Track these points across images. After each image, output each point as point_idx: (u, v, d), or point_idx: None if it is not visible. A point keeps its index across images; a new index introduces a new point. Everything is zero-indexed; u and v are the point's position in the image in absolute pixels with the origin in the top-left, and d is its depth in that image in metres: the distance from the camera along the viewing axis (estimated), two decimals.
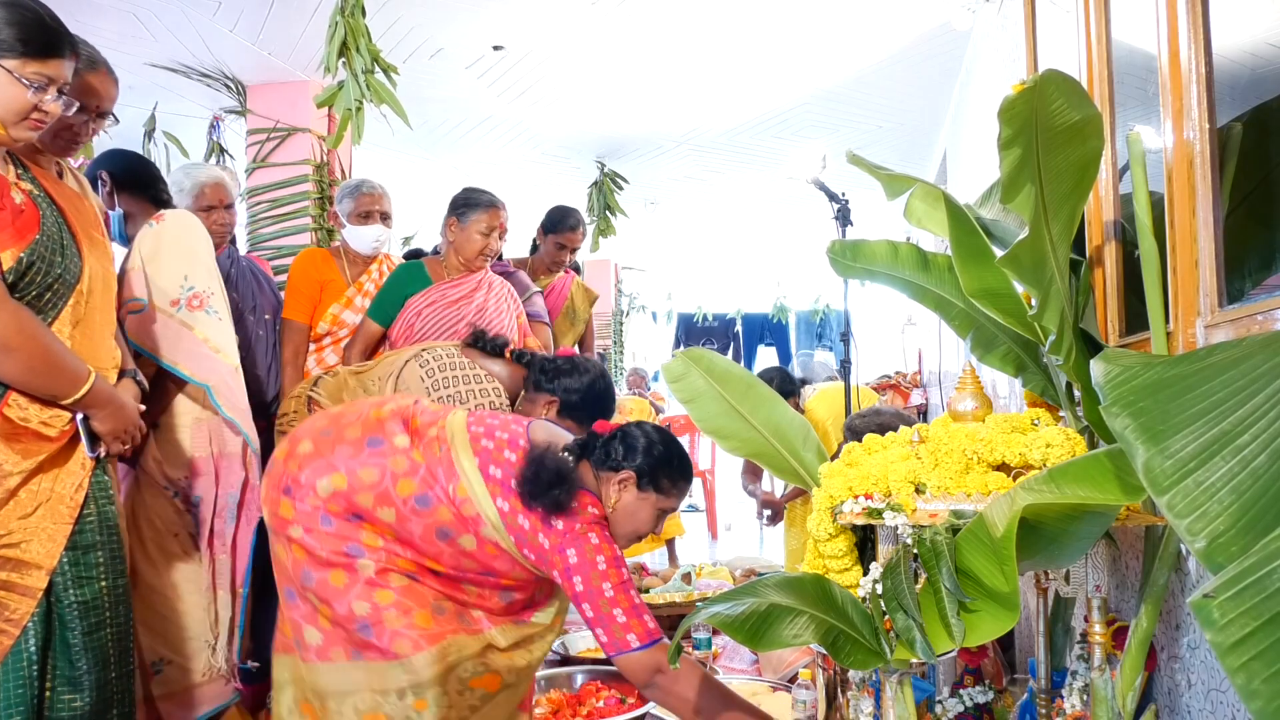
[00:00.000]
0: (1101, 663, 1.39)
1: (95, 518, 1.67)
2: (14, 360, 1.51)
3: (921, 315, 6.92)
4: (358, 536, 1.76)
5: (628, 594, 1.74)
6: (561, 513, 1.76)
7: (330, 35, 3.02)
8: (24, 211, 1.55)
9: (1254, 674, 0.61)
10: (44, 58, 1.53)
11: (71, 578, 1.62)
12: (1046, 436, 1.39)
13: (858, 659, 1.42)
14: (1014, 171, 1.29)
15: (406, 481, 1.76)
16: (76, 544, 1.63)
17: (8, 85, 1.51)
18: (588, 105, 4.93)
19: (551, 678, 2.69)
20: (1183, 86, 1.34)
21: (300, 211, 4.23)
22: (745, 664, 3.01)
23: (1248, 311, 1.18)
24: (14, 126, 1.54)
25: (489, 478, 1.78)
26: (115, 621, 1.68)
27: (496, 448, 1.82)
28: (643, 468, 1.85)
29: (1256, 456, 0.73)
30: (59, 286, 1.61)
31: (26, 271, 1.55)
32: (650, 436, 1.90)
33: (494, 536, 1.77)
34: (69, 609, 1.61)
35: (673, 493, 1.90)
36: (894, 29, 3.95)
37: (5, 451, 1.56)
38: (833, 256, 1.87)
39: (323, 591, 1.75)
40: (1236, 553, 0.68)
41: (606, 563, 1.74)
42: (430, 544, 1.77)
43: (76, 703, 1.61)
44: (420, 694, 1.73)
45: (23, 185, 1.59)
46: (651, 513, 1.89)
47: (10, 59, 1.51)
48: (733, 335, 12.38)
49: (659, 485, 1.87)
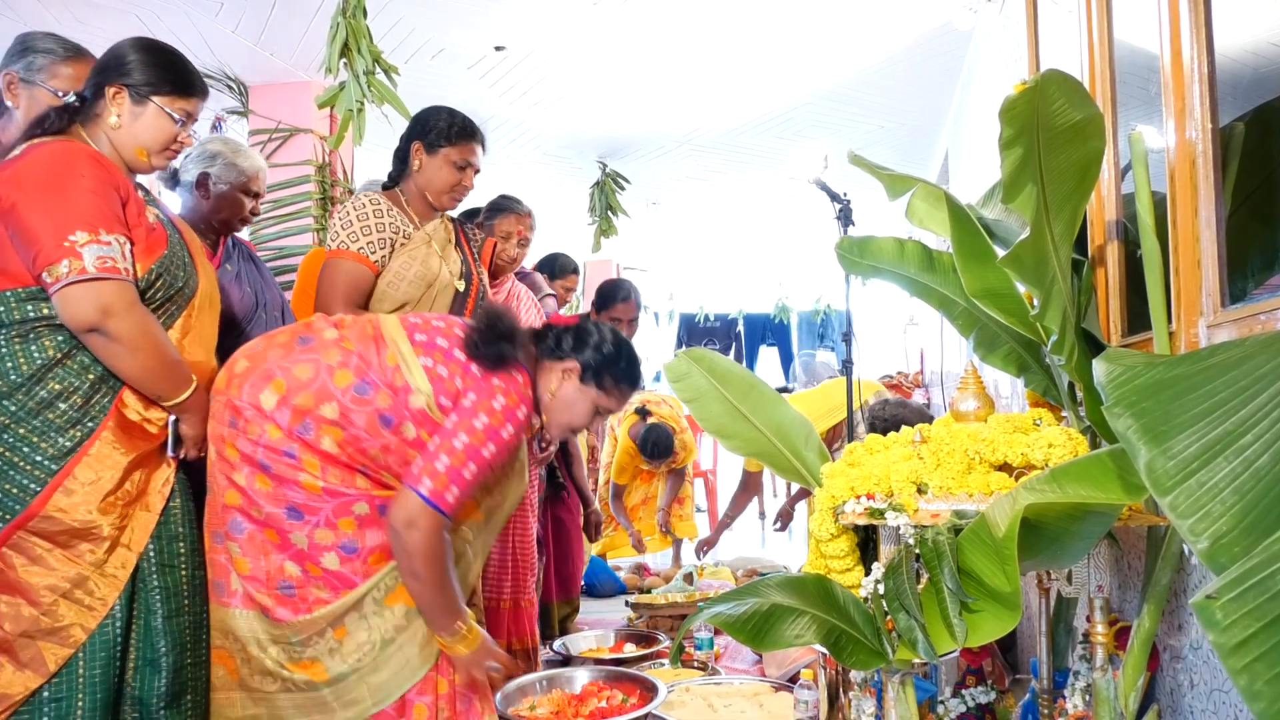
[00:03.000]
0: (1104, 663, 1.39)
1: (179, 510, 1.79)
2: (137, 360, 1.66)
3: (924, 315, 6.92)
4: (296, 479, 1.76)
5: (469, 461, 1.75)
6: (499, 369, 1.82)
7: (332, 36, 3.02)
8: (155, 230, 1.74)
9: (1257, 675, 0.61)
10: (189, 96, 1.78)
11: (157, 564, 1.73)
12: (1049, 436, 1.38)
13: (860, 659, 1.42)
14: (1015, 171, 1.29)
15: (343, 373, 1.79)
16: (162, 534, 1.75)
17: (158, 119, 1.75)
18: (589, 105, 4.93)
19: (552, 678, 2.69)
20: (1185, 86, 1.34)
21: (302, 212, 4.23)
22: (747, 664, 3.01)
23: (1250, 311, 1.18)
24: (156, 156, 1.77)
25: (415, 342, 1.85)
26: (193, 610, 1.78)
27: (424, 321, 1.90)
28: (588, 361, 1.93)
29: (1259, 457, 0.73)
30: (179, 299, 1.79)
31: (155, 283, 1.73)
32: (604, 335, 1.97)
33: (422, 404, 1.80)
34: (153, 593, 1.72)
35: (614, 392, 1.97)
36: (895, 29, 3.95)
37: (117, 443, 1.68)
38: (840, 253, 1.88)
39: (250, 546, 1.77)
40: (1239, 553, 0.68)
41: (485, 427, 1.77)
42: (376, 436, 1.79)
43: (155, 683, 1.71)
44: (338, 623, 1.78)
45: (153, 209, 1.78)
46: (589, 408, 1.96)
47: (162, 96, 1.74)
48: (735, 335, 12.36)
49: (601, 382, 1.94)
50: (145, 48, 1.77)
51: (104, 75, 1.74)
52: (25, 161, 1.64)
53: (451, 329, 1.90)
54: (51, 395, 1.64)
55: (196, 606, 1.79)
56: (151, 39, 1.81)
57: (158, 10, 3.70)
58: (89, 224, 1.60)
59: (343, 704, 1.80)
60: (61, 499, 1.62)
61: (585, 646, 3.24)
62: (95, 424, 1.67)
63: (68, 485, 1.63)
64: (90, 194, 1.62)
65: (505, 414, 1.80)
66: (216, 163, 2.52)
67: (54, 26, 3.71)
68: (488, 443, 1.77)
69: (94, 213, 1.61)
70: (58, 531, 1.63)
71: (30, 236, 1.59)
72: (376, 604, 1.81)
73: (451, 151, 2.41)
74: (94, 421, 1.67)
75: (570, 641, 3.25)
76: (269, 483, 1.76)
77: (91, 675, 1.64)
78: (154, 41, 1.80)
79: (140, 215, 1.72)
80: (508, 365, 1.83)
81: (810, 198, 5.66)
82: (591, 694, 2.59)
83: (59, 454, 1.64)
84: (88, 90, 1.75)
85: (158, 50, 1.78)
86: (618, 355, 1.96)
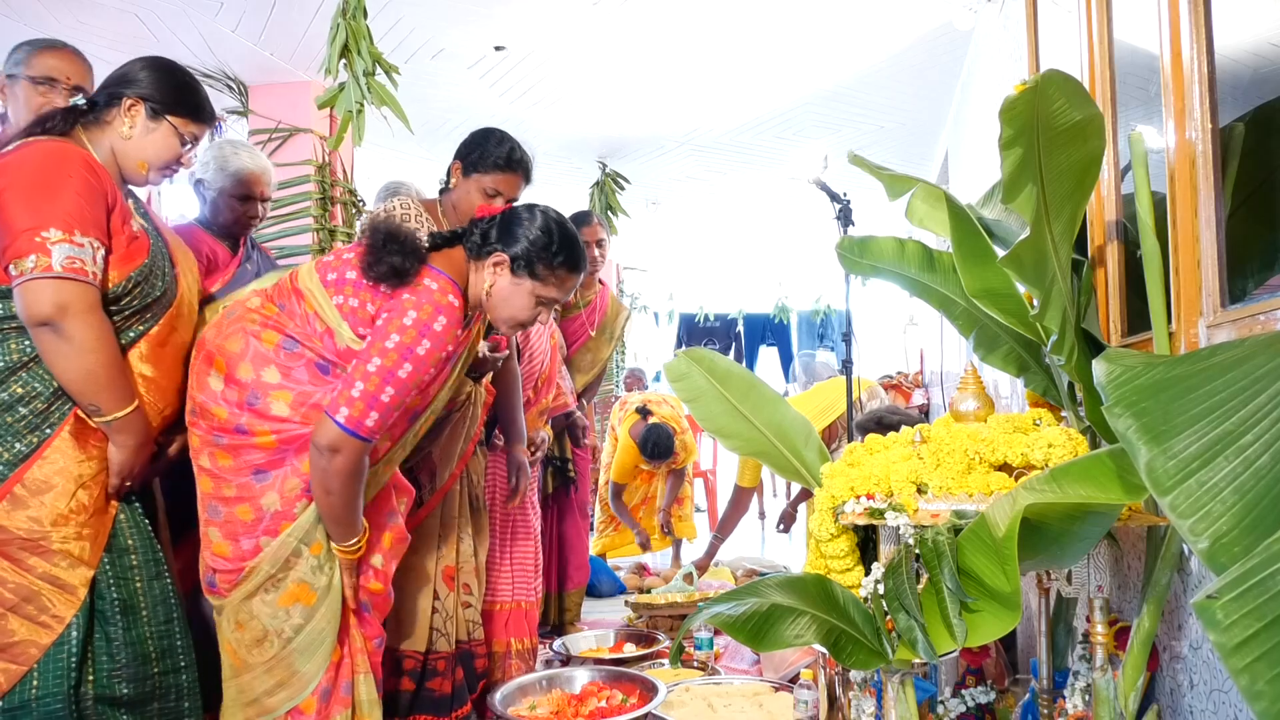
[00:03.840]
0: (1104, 663, 1.39)
1: (127, 522, 1.75)
2: (84, 363, 1.63)
3: (923, 315, 6.92)
4: (251, 443, 1.77)
5: (385, 385, 1.70)
6: (402, 282, 1.75)
7: (332, 37, 3.02)
8: (137, 239, 1.75)
9: (1258, 675, 0.61)
10: (200, 122, 1.83)
11: (112, 576, 1.71)
12: (1048, 436, 1.38)
13: (859, 659, 1.42)
14: (1015, 172, 1.29)
15: (268, 333, 1.80)
16: (113, 546, 1.72)
17: (169, 137, 1.78)
18: (589, 105, 4.93)
19: (551, 678, 2.69)
20: (1185, 86, 1.34)
21: (302, 212, 4.23)
22: (747, 664, 3.01)
23: (1250, 311, 1.18)
24: (155, 171, 1.79)
25: (327, 283, 1.82)
26: (154, 621, 1.76)
27: (336, 257, 1.87)
28: (517, 252, 1.84)
29: (1260, 456, 0.73)
30: (155, 308, 1.78)
31: (132, 290, 1.72)
32: (533, 220, 1.87)
33: (346, 343, 1.79)
34: (111, 606, 1.70)
35: (551, 281, 1.87)
36: (896, 29, 3.95)
37: (72, 451, 1.66)
38: (841, 252, 1.88)
39: (228, 529, 1.79)
40: (1240, 553, 0.68)
41: (397, 346, 1.71)
42: (320, 384, 1.79)
43: (115, 693, 1.69)
44: (310, 539, 1.80)
45: (138, 219, 1.79)
46: (527, 300, 1.87)
47: (177, 117, 1.78)
48: (734, 335, 12.36)
49: (534, 271, 1.85)
50: (167, 69, 1.81)
51: (122, 86, 1.76)
52: (18, 155, 1.65)
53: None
54: (13, 399, 1.63)
55: (159, 617, 1.77)
56: (172, 61, 1.85)
57: (158, 10, 3.70)
58: (66, 223, 1.60)
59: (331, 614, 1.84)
60: (7, 507, 1.60)
61: (585, 646, 3.24)
62: (52, 430, 1.65)
63: (16, 493, 1.61)
64: (76, 195, 1.62)
65: (418, 328, 1.72)
66: (209, 169, 2.54)
67: (54, 26, 3.71)
68: (402, 363, 1.71)
69: (74, 213, 1.61)
70: (3, 541, 1.60)
71: (6, 227, 1.59)
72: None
73: (484, 178, 2.36)
74: (51, 428, 1.65)
75: (570, 641, 3.25)
76: (228, 457, 1.78)
77: (46, 692, 1.62)
78: (175, 64, 1.85)
79: (124, 224, 1.72)
80: (408, 277, 1.75)
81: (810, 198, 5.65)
82: (591, 694, 2.59)
83: (14, 460, 1.62)
84: (100, 96, 1.77)
85: (178, 73, 1.83)
86: (549, 241, 1.85)
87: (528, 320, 1.91)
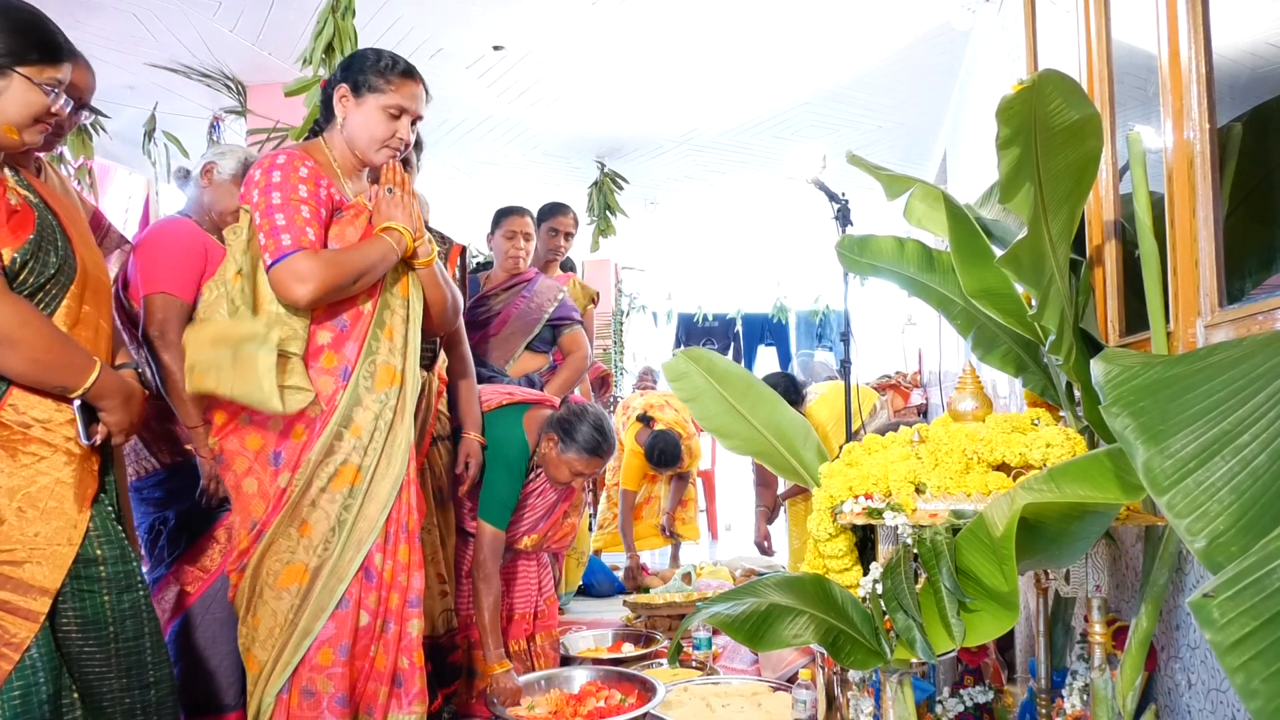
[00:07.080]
0: (1101, 662, 1.39)
1: (96, 531, 1.61)
2: (19, 353, 1.49)
3: (922, 315, 6.92)
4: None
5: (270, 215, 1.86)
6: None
7: (317, 31, 3.03)
8: (18, 212, 1.57)
9: (1253, 673, 0.61)
10: (56, 63, 1.57)
11: (71, 590, 1.56)
12: (1046, 436, 1.39)
13: (858, 659, 1.42)
14: (1013, 171, 1.29)
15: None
16: (79, 557, 1.57)
17: (27, 92, 1.55)
18: (588, 105, 4.93)
19: (550, 678, 2.69)
20: (1183, 86, 1.34)
21: None
22: (745, 664, 3.01)
23: (1248, 311, 1.18)
24: (27, 131, 1.57)
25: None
26: (122, 636, 1.62)
27: None
28: (350, 78, 1.99)
29: (1257, 456, 0.73)
30: (51, 286, 1.60)
31: (21, 270, 1.55)
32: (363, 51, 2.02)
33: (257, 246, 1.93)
34: (71, 621, 1.57)
35: (389, 89, 1.97)
36: (894, 29, 3.95)
37: (6, 462, 1.52)
38: (841, 251, 1.88)
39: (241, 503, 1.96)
40: (1236, 552, 0.68)
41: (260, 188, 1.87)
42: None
43: (77, 712, 1.56)
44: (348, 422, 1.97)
45: (19, 190, 1.61)
46: (379, 115, 1.97)
47: (27, 66, 1.54)
48: (733, 335, 12.36)
49: (372, 85, 1.97)
50: (1, 12, 1.54)
51: None
52: None
53: None
54: None
55: (127, 633, 1.62)
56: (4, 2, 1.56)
57: (155, 10, 3.69)
58: None
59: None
60: None
61: (583, 646, 3.25)
62: None
63: None
64: None
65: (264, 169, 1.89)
66: (226, 157, 2.56)
67: None
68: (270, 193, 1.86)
69: None
70: None
71: None
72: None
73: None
74: None
75: (569, 641, 3.25)
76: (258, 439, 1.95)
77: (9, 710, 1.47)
78: (8, 4, 1.56)
79: (0, 196, 1.55)
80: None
81: (808, 198, 5.66)
82: (590, 694, 2.59)
83: None
84: None
85: (12, 14, 1.55)
86: (377, 56, 1.99)
87: (387, 135, 1.99)
